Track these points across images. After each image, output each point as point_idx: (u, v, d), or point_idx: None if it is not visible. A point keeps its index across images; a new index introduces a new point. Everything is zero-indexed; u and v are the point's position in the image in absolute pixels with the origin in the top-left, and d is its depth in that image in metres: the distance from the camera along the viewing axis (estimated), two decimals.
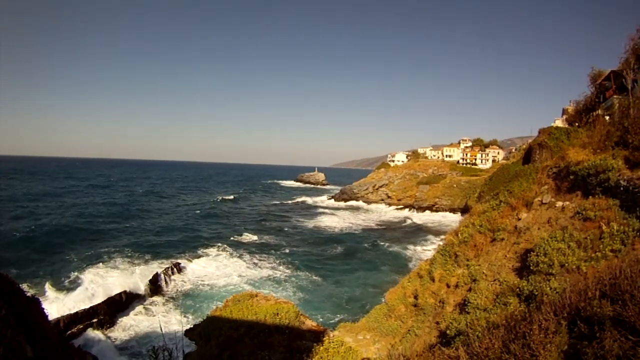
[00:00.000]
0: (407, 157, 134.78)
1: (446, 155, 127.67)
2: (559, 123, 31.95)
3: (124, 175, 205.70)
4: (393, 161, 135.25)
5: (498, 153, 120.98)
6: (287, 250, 50.62)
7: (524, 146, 69.58)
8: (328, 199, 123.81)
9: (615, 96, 20.74)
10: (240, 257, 46.59)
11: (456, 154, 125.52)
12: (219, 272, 40.83)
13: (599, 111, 21.54)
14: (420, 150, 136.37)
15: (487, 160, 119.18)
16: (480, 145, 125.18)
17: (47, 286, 33.04)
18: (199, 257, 45.65)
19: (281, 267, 43.26)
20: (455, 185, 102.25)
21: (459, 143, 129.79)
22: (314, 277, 40.59)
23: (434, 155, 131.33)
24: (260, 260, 45.62)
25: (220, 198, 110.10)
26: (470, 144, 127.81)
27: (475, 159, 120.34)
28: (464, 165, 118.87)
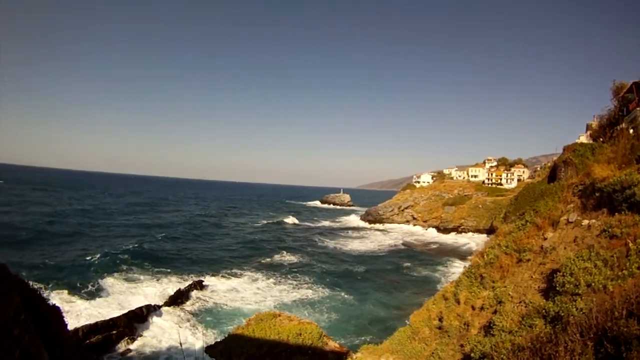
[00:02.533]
0: (432, 178, 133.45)
1: (471, 176, 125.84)
2: (584, 139, 31.05)
3: (154, 193, 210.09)
4: (418, 182, 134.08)
5: (523, 172, 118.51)
6: (312, 271, 50.24)
7: (549, 164, 67.90)
8: (353, 220, 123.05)
9: (638, 108, 20.03)
10: (263, 276, 46.37)
11: (481, 174, 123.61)
12: (242, 291, 40.67)
13: (623, 124, 20.81)
14: (446, 171, 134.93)
15: (512, 179, 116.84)
16: (505, 164, 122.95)
17: (70, 296, 33.45)
18: (221, 275, 45.61)
19: (305, 287, 42.87)
20: (480, 206, 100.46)
21: (484, 163, 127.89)
22: (338, 298, 40.07)
23: (460, 176, 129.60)
24: (284, 280, 45.38)
25: (242, 217, 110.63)
26: (495, 163, 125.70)
27: (501, 179, 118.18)
28: (489, 185, 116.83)
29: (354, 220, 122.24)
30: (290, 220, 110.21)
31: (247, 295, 39.22)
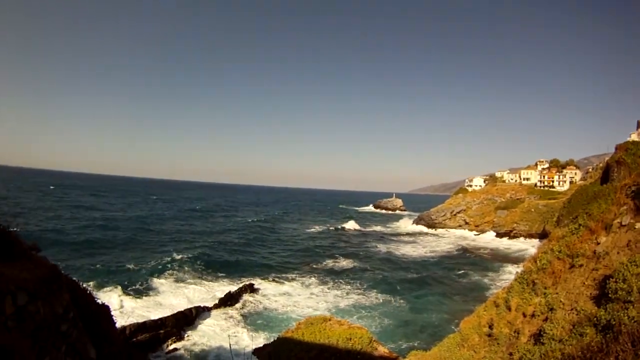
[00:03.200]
0: (484, 181, 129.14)
1: (523, 179, 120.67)
2: (635, 137, 29.03)
3: (207, 198, 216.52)
4: (470, 186, 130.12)
5: (575, 174, 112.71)
6: (365, 276, 49.71)
7: (601, 165, 64.04)
8: (405, 224, 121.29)
9: None
10: (316, 281, 46.21)
11: (533, 177, 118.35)
12: (294, 295, 40.59)
13: None
14: (498, 174, 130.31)
15: (565, 181, 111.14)
16: (557, 166, 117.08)
17: (121, 296, 34.57)
18: (273, 279, 45.76)
19: (358, 293, 42.33)
20: (533, 210, 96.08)
21: (536, 165, 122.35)
22: (390, 303, 39.47)
23: (512, 179, 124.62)
24: (335, 284, 45.04)
25: (295, 222, 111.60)
26: (547, 165, 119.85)
27: (553, 181, 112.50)
28: (541, 188, 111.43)
29: (406, 225, 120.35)
30: (342, 225, 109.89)
31: (299, 300, 39.15)
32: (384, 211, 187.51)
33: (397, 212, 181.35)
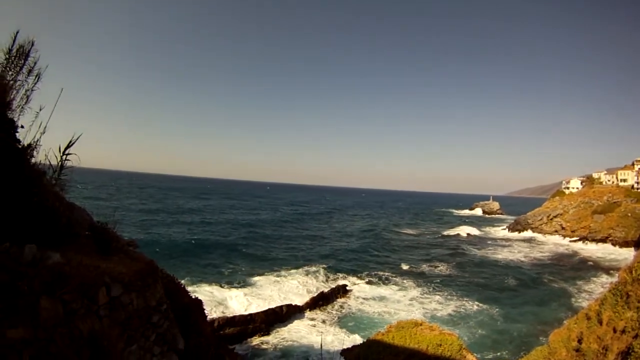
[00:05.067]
0: (581, 183, 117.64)
1: (620, 180, 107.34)
2: None
3: (297, 199, 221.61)
4: (568, 188, 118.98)
5: None
6: (459, 282, 47.50)
7: None
8: (502, 229, 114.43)
9: None
10: (410, 285, 44.84)
11: (630, 178, 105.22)
12: (387, 298, 39.62)
13: None
14: (595, 175, 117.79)
15: None
16: None
17: (214, 290, 35.74)
18: (365, 281, 45.09)
19: (448, 297, 40.42)
20: (630, 214, 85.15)
21: (633, 165, 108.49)
22: (481, 310, 37.23)
23: (609, 180, 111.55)
24: (428, 289, 43.41)
25: (391, 225, 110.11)
26: None
27: None
28: (639, 190, 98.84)
29: (502, 229, 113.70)
30: (439, 228, 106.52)
31: (392, 303, 38.11)
32: (480, 214, 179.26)
33: (494, 215, 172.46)
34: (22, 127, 4.31)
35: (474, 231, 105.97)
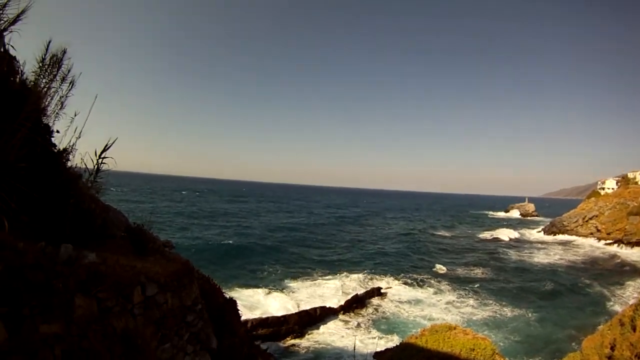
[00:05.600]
0: (617, 183, 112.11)
1: None
2: None
3: (333, 201, 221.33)
4: (603, 189, 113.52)
5: None
6: (495, 286, 46.21)
7: None
8: (537, 231, 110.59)
9: None
10: (442, 287, 43.99)
11: None
12: (422, 301, 38.95)
13: None
14: (630, 175, 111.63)
15: None
16: None
17: (248, 291, 36.04)
18: (400, 283, 44.35)
19: (483, 301, 39.33)
20: None
21: None
22: (515, 315, 36.07)
23: None
24: (463, 292, 42.41)
25: (427, 227, 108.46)
26: None
27: None
28: None
29: (538, 231, 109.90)
30: (475, 231, 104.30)
31: (427, 307, 37.41)
32: (516, 216, 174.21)
33: (529, 217, 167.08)
34: (57, 132, 4.50)
35: (510, 234, 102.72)
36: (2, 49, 3.76)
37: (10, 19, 3.59)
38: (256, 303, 33.07)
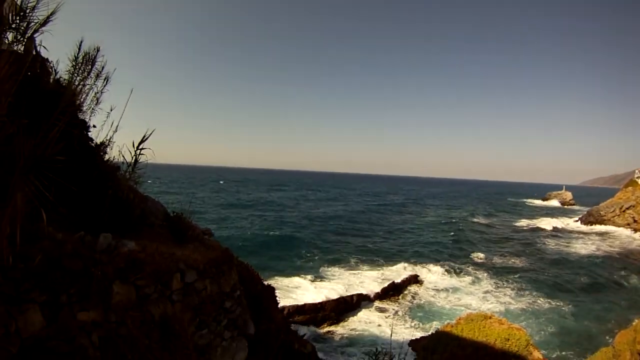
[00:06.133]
0: None
1: None
2: None
3: (372, 189, 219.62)
4: None
5: None
6: (529, 275, 44.69)
7: None
8: (574, 221, 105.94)
9: None
10: (480, 276, 42.95)
11: None
12: (459, 289, 38.22)
13: None
14: None
15: None
16: None
17: (285, 278, 36.28)
18: (438, 272, 43.40)
19: (520, 292, 38.09)
20: None
21: None
22: (551, 307, 34.77)
23: None
24: (501, 282, 41.17)
25: (467, 215, 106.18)
26: None
27: None
28: None
29: (575, 221, 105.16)
30: (512, 219, 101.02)
31: (464, 296, 36.64)
32: (555, 205, 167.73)
33: (567, 206, 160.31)
34: (94, 126, 4.64)
35: (550, 223, 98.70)
36: (34, 52, 3.88)
37: (41, 21, 3.70)
38: (293, 290, 33.37)
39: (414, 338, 18.22)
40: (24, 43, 3.67)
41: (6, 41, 3.47)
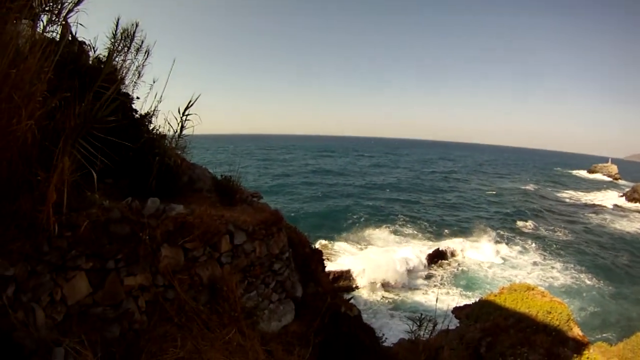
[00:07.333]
0: None
1: None
2: None
3: (423, 156, 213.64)
4: None
5: None
6: (574, 250, 42.53)
7: None
8: (619, 196, 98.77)
9: None
10: (527, 247, 41.73)
11: None
12: (503, 259, 37.35)
13: None
14: None
15: None
16: None
17: (333, 243, 36.44)
18: (485, 240, 42.08)
19: (564, 265, 36.56)
20: None
21: None
22: (592, 284, 33.02)
23: None
24: (546, 254, 39.70)
25: (517, 184, 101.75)
26: None
27: None
28: None
29: (619, 196, 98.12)
30: (555, 190, 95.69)
31: (508, 266, 35.88)
32: (597, 177, 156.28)
33: (612, 179, 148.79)
34: (138, 98, 4.68)
35: (594, 197, 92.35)
36: (69, 36, 3.85)
37: (75, 0, 3.60)
38: (341, 255, 33.56)
39: (457, 305, 17.97)
40: (59, 24, 3.63)
41: (41, 23, 3.45)
